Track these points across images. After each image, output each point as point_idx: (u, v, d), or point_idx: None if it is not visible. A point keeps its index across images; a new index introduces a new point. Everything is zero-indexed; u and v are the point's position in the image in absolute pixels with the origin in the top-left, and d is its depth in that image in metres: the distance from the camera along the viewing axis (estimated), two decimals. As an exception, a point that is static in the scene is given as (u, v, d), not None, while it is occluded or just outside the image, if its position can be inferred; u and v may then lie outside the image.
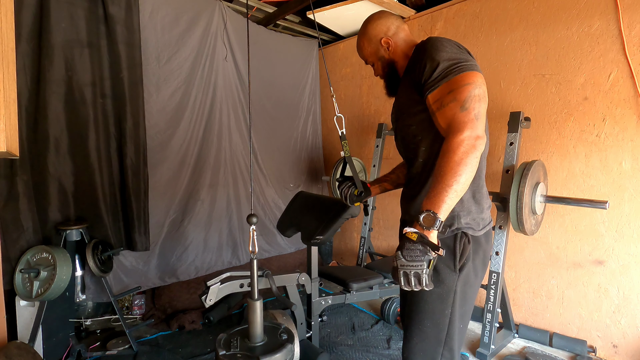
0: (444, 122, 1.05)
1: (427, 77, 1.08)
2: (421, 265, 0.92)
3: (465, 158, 0.97)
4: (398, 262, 0.95)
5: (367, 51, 1.32)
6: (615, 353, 2.14)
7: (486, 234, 1.19)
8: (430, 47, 1.10)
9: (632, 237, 2.06)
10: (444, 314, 1.14)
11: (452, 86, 1.04)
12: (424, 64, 1.09)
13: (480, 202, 1.17)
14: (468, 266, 1.13)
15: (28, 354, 1.69)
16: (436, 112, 1.07)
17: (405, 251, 0.94)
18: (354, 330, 2.52)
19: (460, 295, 1.15)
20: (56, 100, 2.25)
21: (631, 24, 2.00)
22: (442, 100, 1.05)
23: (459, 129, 1.00)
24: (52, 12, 2.18)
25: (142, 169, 2.55)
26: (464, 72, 1.04)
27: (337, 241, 4.06)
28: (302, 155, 3.88)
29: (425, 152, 1.17)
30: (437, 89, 1.06)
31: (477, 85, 1.03)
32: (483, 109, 1.04)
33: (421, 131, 1.17)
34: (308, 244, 1.95)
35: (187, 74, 2.86)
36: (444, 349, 1.16)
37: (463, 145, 0.98)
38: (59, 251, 2.03)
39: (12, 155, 1.58)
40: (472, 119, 1.00)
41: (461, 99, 1.02)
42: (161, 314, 2.63)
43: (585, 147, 2.20)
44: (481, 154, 1.02)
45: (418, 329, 1.17)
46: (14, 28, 1.62)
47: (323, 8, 2.91)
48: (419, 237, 0.94)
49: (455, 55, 1.07)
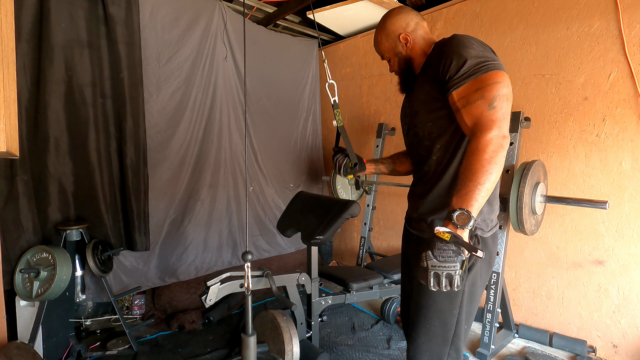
0: (469, 120, 1.03)
1: (452, 74, 1.05)
2: (454, 267, 0.87)
3: (495, 157, 0.95)
4: (429, 262, 0.89)
5: (385, 46, 1.30)
6: (615, 353, 2.14)
7: (493, 236, 1.19)
8: (456, 43, 1.08)
9: (632, 237, 2.06)
10: (452, 314, 1.13)
11: (480, 84, 1.01)
12: (450, 60, 1.06)
13: (492, 203, 1.16)
14: (476, 267, 1.12)
15: (28, 354, 1.69)
16: (461, 109, 1.04)
17: (437, 251, 0.89)
18: (354, 330, 2.52)
19: (468, 296, 1.14)
20: (56, 100, 2.25)
21: (631, 24, 2.00)
22: (469, 98, 1.03)
23: (488, 127, 0.98)
24: (52, 12, 2.18)
25: (142, 169, 2.55)
26: (492, 71, 1.02)
27: (337, 241, 4.06)
28: (302, 155, 3.88)
29: (440, 150, 1.16)
30: (463, 85, 1.04)
31: (505, 85, 1.01)
32: (509, 109, 1.02)
33: (437, 129, 1.15)
34: (308, 244, 1.95)
35: (187, 74, 2.86)
36: (451, 348, 1.16)
37: (492, 144, 0.96)
38: (59, 251, 2.03)
39: (12, 155, 1.58)
40: (500, 118, 0.99)
41: (489, 97, 1.00)
42: (161, 314, 2.63)
43: (585, 147, 2.20)
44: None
45: (425, 329, 1.16)
46: (14, 28, 1.62)
47: (323, 8, 2.91)
48: (452, 237, 0.88)
49: (483, 53, 1.05)
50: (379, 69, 3.43)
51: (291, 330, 1.78)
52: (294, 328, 1.79)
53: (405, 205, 1.54)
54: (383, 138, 3.25)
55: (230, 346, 2.28)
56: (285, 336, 1.75)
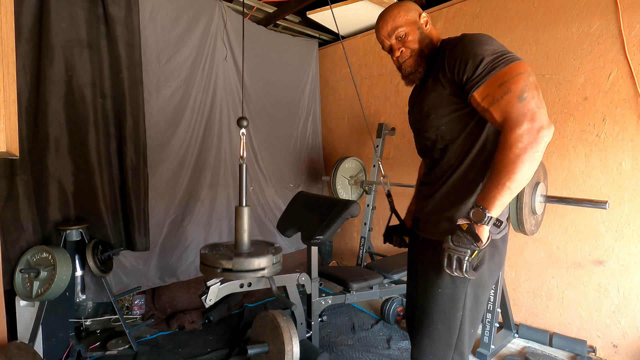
0: (499, 117, 0.98)
1: (470, 74, 1.01)
2: (464, 252, 0.96)
3: (523, 154, 0.92)
4: (445, 245, 0.99)
5: (403, 19, 1.16)
6: (615, 353, 2.14)
7: (503, 238, 1.16)
8: (469, 42, 1.03)
9: (632, 237, 2.06)
10: (455, 317, 1.12)
11: (503, 78, 0.97)
12: (465, 61, 1.01)
13: None
14: (482, 269, 1.09)
15: (28, 354, 1.69)
16: (489, 109, 1.00)
17: (455, 237, 0.98)
18: (354, 330, 2.52)
19: (472, 298, 1.13)
20: (56, 100, 2.25)
21: (631, 24, 2.00)
22: (494, 95, 0.98)
23: (517, 122, 0.94)
24: (52, 12, 2.18)
25: (142, 169, 2.54)
26: (511, 63, 0.98)
27: (337, 241, 4.06)
28: (302, 155, 3.88)
29: (453, 153, 1.13)
30: (483, 84, 0.99)
31: (530, 74, 0.97)
32: (541, 97, 0.97)
33: (450, 131, 1.12)
34: (308, 244, 1.95)
35: (187, 74, 2.86)
36: (455, 352, 1.14)
37: (521, 141, 0.93)
38: (59, 251, 2.03)
39: (12, 155, 1.58)
40: (533, 109, 0.94)
41: (517, 90, 0.95)
42: (161, 314, 2.63)
43: (585, 147, 2.20)
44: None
45: (428, 332, 1.15)
46: (14, 28, 1.62)
47: (323, 8, 2.91)
48: (468, 227, 0.98)
49: (498, 48, 1.01)
50: (379, 69, 3.43)
51: (291, 330, 1.78)
52: (294, 328, 1.79)
53: (405, 205, 1.54)
54: (383, 138, 3.25)
55: (230, 346, 2.28)
56: (285, 336, 1.75)
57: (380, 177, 1.41)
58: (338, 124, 3.93)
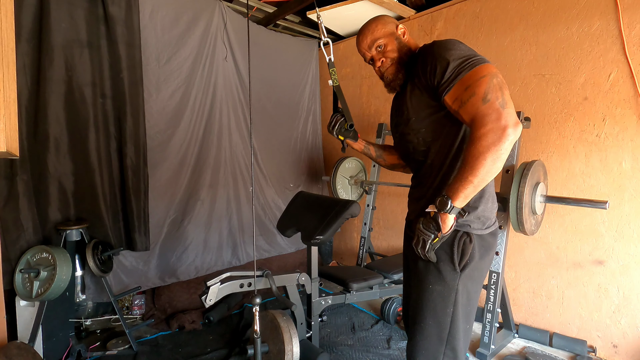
0: (468, 118, 1.05)
1: (439, 79, 1.08)
2: (429, 236, 1.09)
3: (486, 152, 0.98)
4: (417, 227, 1.13)
5: (381, 32, 1.25)
6: (615, 353, 2.14)
7: (492, 233, 1.20)
8: (437, 48, 1.11)
9: (632, 237, 2.06)
10: (446, 313, 1.16)
11: (469, 82, 1.03)
12: (434, 66, 1.09)
13: (487, 201, 1.18)
14: (472, 265, 1.15)
15: (28, 354, 1.69)
16: (459, 111, 1.07)
17: (424, 221, 1.11)
18: (354, 330, 2.52)
19: (463, 294, 1.16)
20: (56, 100, 2.25)
21: (631, 24, 2.00)
22: (462, 98, 1.05)
23: (482, 122, 1.00)
24: (52, 12, 2.18)
25: (142, 169, 2.55)
26: (476, 66, 1.04)
27: (337, 241, 4.06)
28: (302, 155, 3.88)
29: (435, 154, 1.19)
30: (452, 88, 1.06)
31: (493, 75, 1.02)
32: (507, 96, 1.02)
33: (431, 133, 1.18)
34: (308, 244, 1.95)
35: (187, 74, 2.86)
36: (447, 347, 1.17)
37: (485, 139, 0.98)
38: (59, 251, 2.03)
39: (12, 155, 1.58)
40: (498, 109, 0.99)
41: (480, 92, 1.01)
42: (161, 314, 2.63)
43: (585, 147, 2.20)
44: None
45: (420, 327, 1.19)
46: (14, 28, 1.62)
47: (323, 8, 2.91)
48: (435, 214, 1.08)
49: (464, 52, 1.08)
50: (379, 69, 3.43)
51: (291, 330, 1.78)
52: (294, 328, 1.79)
53: (405, 205, 1.55)
54: (383, 138, 3.25)
55: (230, 346, 2.28)
56: (285, 336, 1.75)
57: (322, 42, 1.42)
58: (338, 124, 3.93)
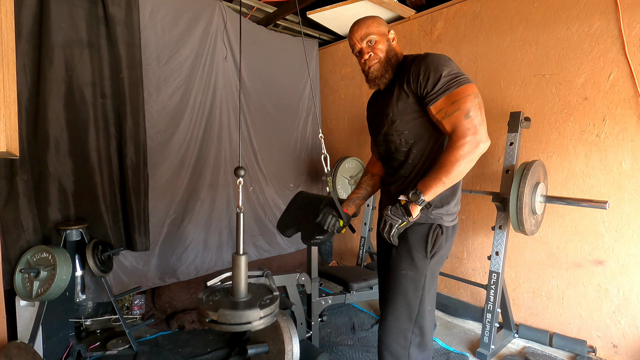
0: (449, 128, 1.20)
1: (429, 89, 1.22)
2: (396, 221, 1.22)
3: (461, 159, 1.16)
4: (384, 212, 1.26)
5: (376, 29, 1.34)
6: (615, 353, 2.14)
7: (454, 226, 1.37)
8: (431, 61, 1.23)
9: (632, 237, 2.06)
10: (416, 295, 1.31)
11: (455, 97, 1.18)
12: (427, 77, 1.22)
13: (457, 199, 1.35)
14: (439, 254, 1.31)
15: (28, 354, 1.69)
16: (442, 121, 1.22)
17: (393, 208, 1.24)
18: (354, 330, 2.52)
19: (430, 279, 1.31)
20: (56, 100, 2.25)
21: (631, 24, 2.00)
22: (447, 110, 1.20)
23: (463, 134, 1.16)
24: (52, 12, 2.18)
25: (142, 169, 2.55)
26: (463, 85, 1.19)
27: (337, 241, 4.06)
28: (302, 155, 3.88)
29: (417, 154, 1.32)
30: (439, 100, 1.20)
31: (475, 96, 1.19)
32: (483, 116, 1.20)
33: (414, 136, 1.31)
34: (308, 244, 1.95)
35: (187, 74, 2.86)
36: (415, 325, 1.31)
37: (463, 149, 1.16)
38: (59, 251, 2.03)
39: (12, 155, 1.58)
40: (476, 125, 1.17)
41: (465, 108, 1.17)
42: (161, 314, 2.63)
43: (585, 147, 2.20)
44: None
45: (392, 309, 1.32)
46: (14, 28, 1.62)
47: (323, 8, 2.91)
48: (405, 203, 1.22)
49: (454, 70, 1.22)
50: (379, 69, 3.42)
51: (291, 330, 1.78)
52: (294, 328, 1.79)
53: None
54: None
55: (230, 346, 2.28)
56: (285, 336, 1.75)
57: (327, 185, 1.53)
58: (338, 124, 3.93)
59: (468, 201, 2.74)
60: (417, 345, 1.32)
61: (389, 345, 1.31)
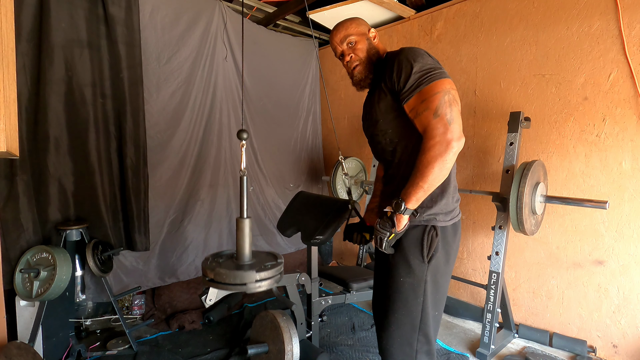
0: (420, 128, 1.18)
1: (402, 87, 1.19)
2: (384, 234, 1.20)
3: (434, 162, 1.11)
4: (375, 227, 1.24)
5: (355, 30, 1.33)
6: (615, 353, 2.14)
7: (454, 225, 1.30)
8: (404, 57, 1.19)
9: (632, 237, 2.06)
10: (417, 302, 1.25)
11: (424, 95, 1.14)
12: (399, 73, 1.19)
13: (448, 196, 1.27)
14: (437, 256, 1.24)
15: (28, 354, 1.69)
16: (414, 120, 1.19)
17: (381, 221, 1.22)
18: (354, 330, 2.52)
19: (432, 284, 1.25)
20: (56, 100, 2.25)
21: (631, 24, 2.00)
22: (417, 109, 1.17)
23: (432, 134, 1.12)
24: (52, 12, 2.18)
25: (142, 169, 2.55)
26: (433, 81, 1.14)
27: (337, 241, 4.06)
28: (302, 155, 3.88)
29: (403, 153, 1.29)
30: (411, 98, 1.17)
31: (446, 92, 1.13)
32: (456, 113, 1.14)
33: (397, 135, 1.28)
34: (308, 244, 1.95)
35: (187, 74, 2.86)
36: (419, 334, 1.26)
37: (434, 150, 1.11)
38: (59, 251, 2.03)
39: (12, 155, 1.58)
40: (445, 124, 1.11)
41: (433, 107, 1.12)
42: (161, 314, 2.63)
43: (585, 147, 2.20)
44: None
45: (394, 318, 1.27)
46: (14, 28, 1.62)
47: (323, 8, 2.91)
48: (391, 214, 1.20)
49: (427, 64, 1.17)
50: (379, 69, 3.42)
51: (291, 330, 1.78)
52: (294, 328, 1.79)
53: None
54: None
55: (230, 346, 2.28)
56: (285, 336, 1.75)
57: (342, 174, 1.51)
58: (338, 124, 3.93)
59: (468, 201, 2.74)
60: (426, 353, 1.27)
61: (394, 354, 1.26)
